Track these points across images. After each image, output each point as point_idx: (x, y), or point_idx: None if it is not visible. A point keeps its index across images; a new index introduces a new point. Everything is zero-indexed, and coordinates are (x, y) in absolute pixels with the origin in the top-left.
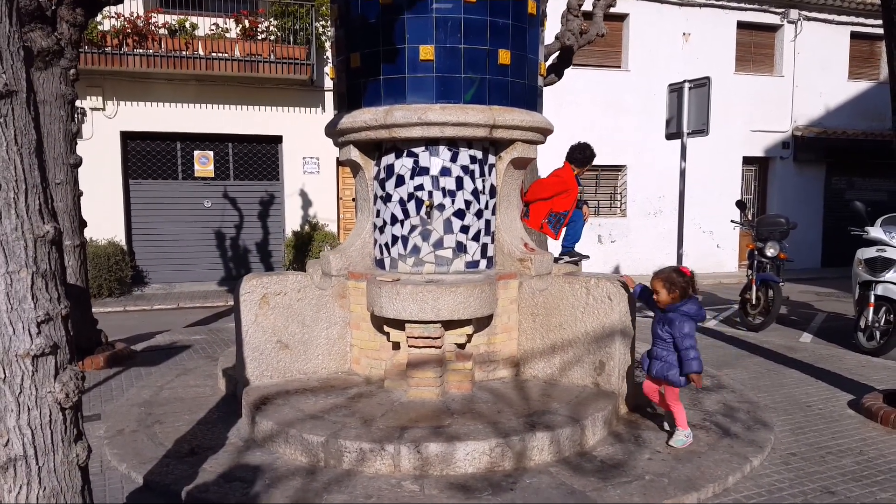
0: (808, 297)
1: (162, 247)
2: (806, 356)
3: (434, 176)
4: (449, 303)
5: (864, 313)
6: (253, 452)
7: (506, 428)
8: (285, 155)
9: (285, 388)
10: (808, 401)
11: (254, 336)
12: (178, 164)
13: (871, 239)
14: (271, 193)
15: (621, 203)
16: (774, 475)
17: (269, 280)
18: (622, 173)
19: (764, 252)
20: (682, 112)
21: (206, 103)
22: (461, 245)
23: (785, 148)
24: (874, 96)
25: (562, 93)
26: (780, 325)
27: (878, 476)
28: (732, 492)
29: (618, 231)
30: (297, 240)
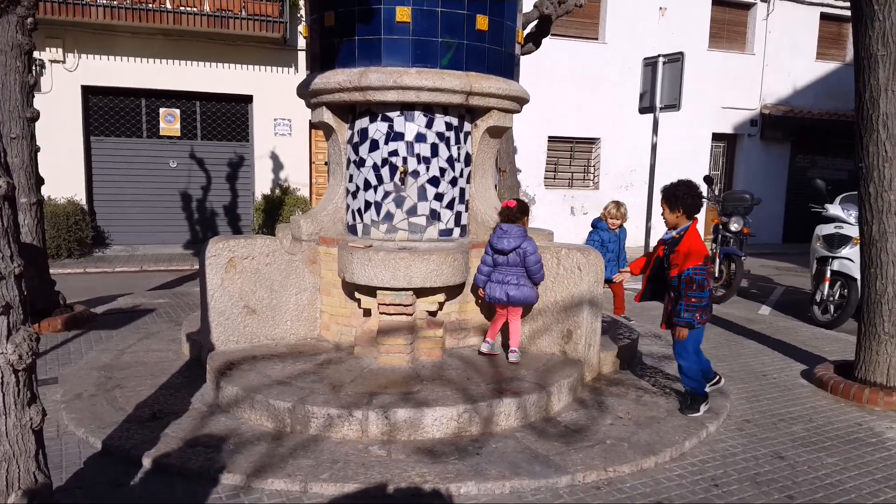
0: (768, 271)
1: (125, 207)
2: (764, 328)
3: (409, 142)
4: (421, 270)
5: (820, 287)
6: (217, 418)
7: (474, 394)
8: (256, 116)
9: (252, 353)
10: (764, 370)
11: (220, 300)
12: (143, 121)
13: (829, 216)
14: (241, 155)
15: (594, 176)
16: (729, 440)
17: (236, 243)
18: (596, 146)
19: (728, 227)
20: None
21: (173, 59)
22: (435, 213)
23: (753, 125)
24: (840, 77)
25: (539, 63)
26: (741, 298)
27: (825, 442)
28: (689, 456)
29: (590, 203)
30: (268, 204)
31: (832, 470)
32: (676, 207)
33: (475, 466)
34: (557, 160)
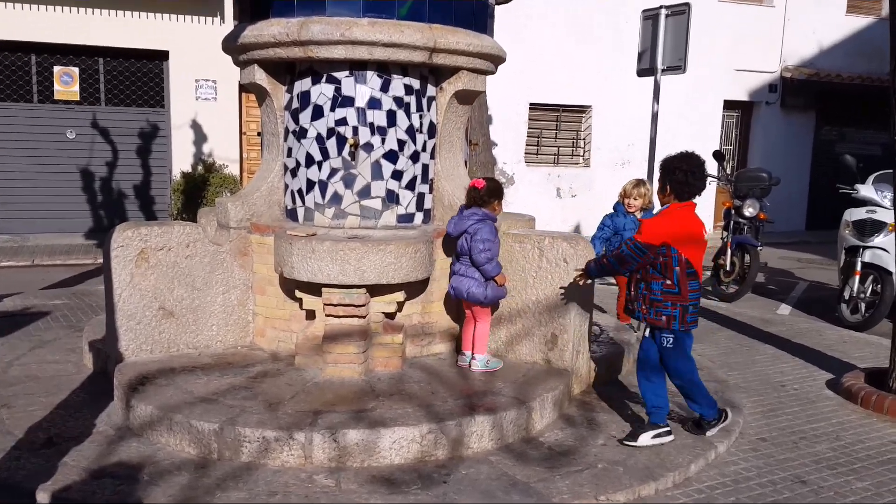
0: (788, 263)
1: (11, 188)
2: (783, 330)
3: (360, 108)
4: (376, 263)
5: (848, 283)
6: (128, 443)
7: (440, 411)
8: (173, 76)
9: (170, 364)
10: (783, 380)
11: (129, 301)
12: (33, 82)
13: (860, 198)
14: (154, 124)
15: (584, 151)
16: (742, 462)
17: (149, 231)
18: (586, 115)
19: (742, 211)
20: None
21: (69, 6)
22: (392, 194)
23: (772, 91)
24: (874, 34)
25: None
26: (756, 295)
27: (854, 464)
28: (695, 481)
29: (579, 183)
30: (188, 183)
31: (863, 497)
32: (665, 184)
33: (442, 497)
34: (541, 132)
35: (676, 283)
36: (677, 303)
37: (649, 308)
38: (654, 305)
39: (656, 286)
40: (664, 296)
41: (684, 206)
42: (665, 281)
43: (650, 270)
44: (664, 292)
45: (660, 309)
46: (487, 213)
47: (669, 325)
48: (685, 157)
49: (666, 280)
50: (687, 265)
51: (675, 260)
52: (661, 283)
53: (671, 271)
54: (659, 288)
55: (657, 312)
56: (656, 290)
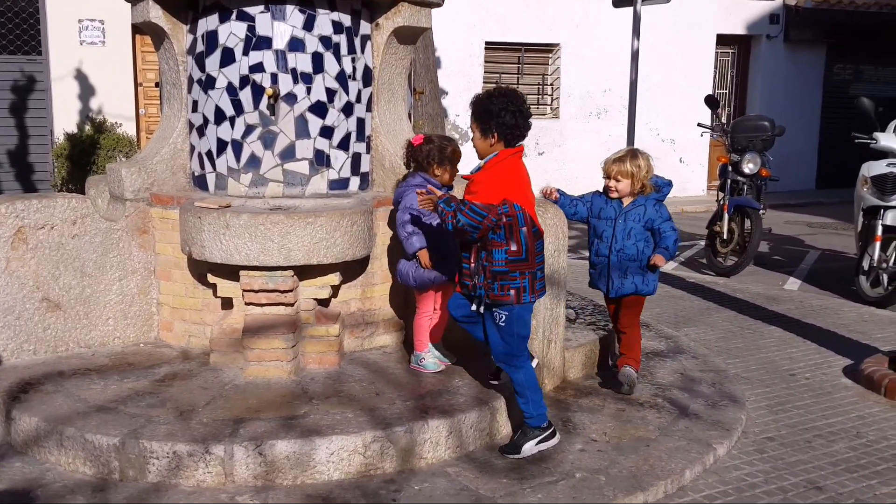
0: (797, 228)
1: None
2: (791, 309)
3: (279, 51)
4: (304, 240)
5: (868, 250)
6: (10, 463)
7: (387, 415)
8: (50, 15)
9: (58, 367)
10: (792, 368)
11: (5, 291)
12: None
13: (880, 149)
14: (29, 75)
15: (552, 99)
16: (745, 467)
17: (26, 206)
18: (554, 56)
19: (740, 168)
20: None
21: None
22: (322, 155)
23: (773, 23)
24: None
25: None
26: (759, 268)
27: (878, 465)
28: (690, 490)
29: (548, 138)
30: (74, 147)
31: None
32: (490, 130)
33: None
34: (499, 77)
35: (524, 247)
36: (525, 271)
37: (492, 282)
38: (499, 278)
39: (499, 255)
40: (510, 265)
41: (516, 153)
42: (510, 246)
43: (490, 236)
44: (510, 261)
45: (506, 282)
46: (426, 178)
47: (520, 299)
48: (507, 94)
49: (511, 245)
50: (531, 223)
51: (520, 219)
52: (504, 251)
53: (517, 233)
54: (503, 256)
55: (503, 287)
56: (499, 259)
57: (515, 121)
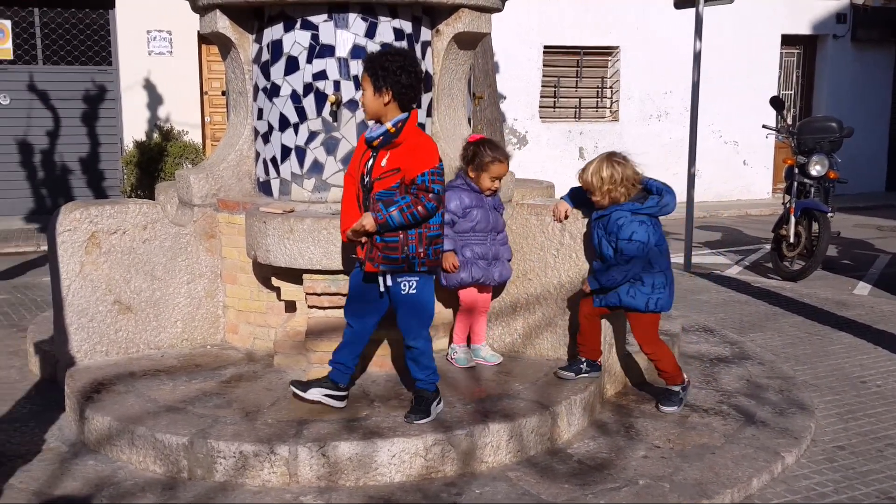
0: (866, 232)
1: None
2: (861, 314)
3: (342, 58)
4: None
5: None
6: (83, 461)
7: (448, 419)
8: (120, 27)
9: (129, 368)
10: (863, 375)
11: (79, 294)
12: None
13: None
14: (101, 85)
15: (611, 101)
16: (815, 476)
17: (100, 212)
18: (613, 58)
19: (807, 170)
20: None
21: None
22: None
23: (840, 23)
24: None
25: None
26: (827, 273)
27: None
28: (757, 499)
29: (607, 141)
30: (142, 154)
31: None
32: (383, 86)
33: None
34: (558, 80)
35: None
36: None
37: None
38: (434, 243)
39: (437, 219)
40: (441, 228)
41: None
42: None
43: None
44: (443, 224)
45: (438, 246)
46: (465, 180)
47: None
48: (404, 53)
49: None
50: None
51: None
52: (440, 214)
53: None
54: (438, 220)
55: (437, 252)
56: (436, 223)
57: (411, 81)
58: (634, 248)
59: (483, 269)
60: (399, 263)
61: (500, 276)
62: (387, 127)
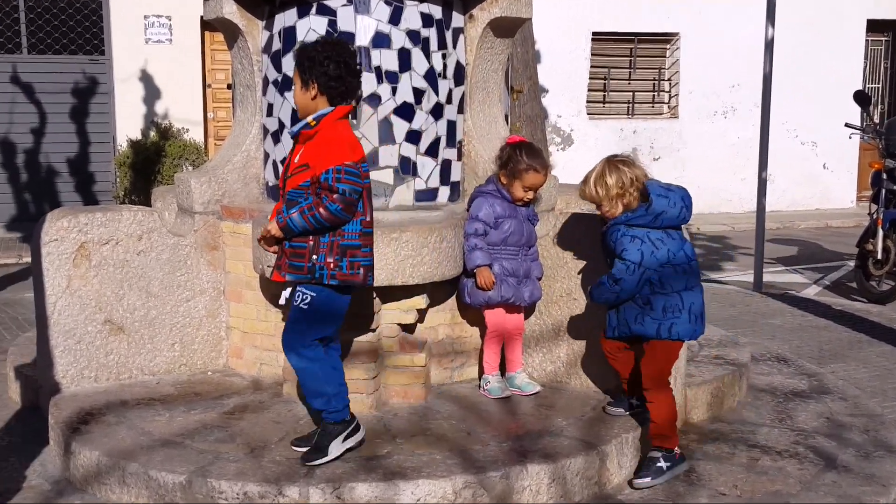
0: None
1: None
2: None
3: (363, 47)
4: (388, 257)
5: None
6: (68, 501)
7: (480, 458)
8: (114, 12)
9: (120, 396)
10: None
11: (66, 312)
12: None
13: None
14: (92, 77)
15: (669, 96)
16: None
17: (90, 220)
18: (672, 46)
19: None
20: None
21: None
22: (408, 163)
23: None
24: None
25: None
26: None
27: None
28: None
29: (664, 141)
30: (138, 154)
31: None
32: (309, 79)
33: None
34: (609, 72)
35: (372, 217)
36: (371, 245)
37: (340, 259)
38: (349, 254)
39: (353, 226)
40: (363, 237)
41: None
42: (365, 215)
43: None
44: (364, 233)
45: (357, 258)
46: (497, 186)
47: (366, 278)
48: (335, 43)
49: (366, 214)
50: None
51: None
52: (359, 221)
53: (368, 199)
54: (357, 228)
55: (353, 265)
56: (352, 231)
57: (340, 73)
58: (623, 269)
59: (513, 287)
60: (304, 273)
61: (531, 297)
62: (308, 119)
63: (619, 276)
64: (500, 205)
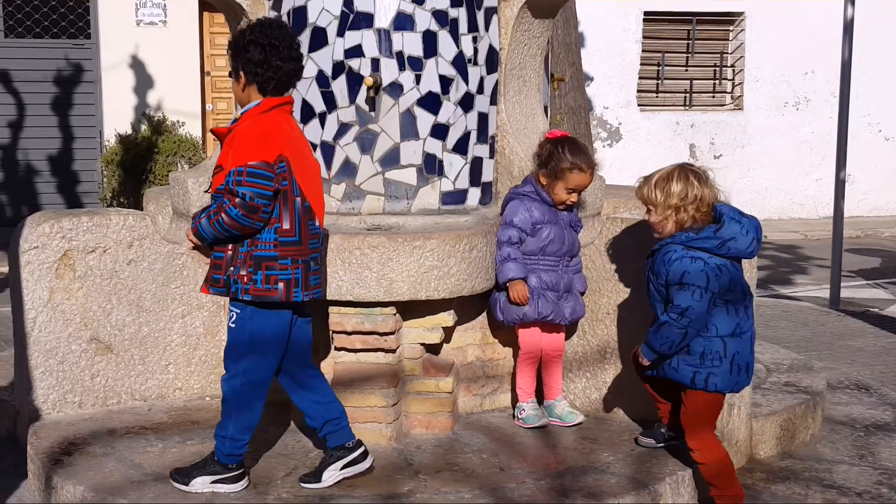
0: None
1: None
2: None
3: (382, 30)
4: (410, 268)
5: None
6: None
7: (514, 497)
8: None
9: (107, 424)
10: None
11: (47, 329)
12: None
13: None
14: (76, 63)
15: (733, 85)
16: None
17: (74, 225)
18: (736, 28)
19: None
20: None
21: None
22: (433, 161)
23: None
24: None
25: None
26: None
27: None
28: None
29: (727, 136)
30: (127, 151)
31: None
32: (237, 67)
33: None
34: (663, 57)
35: (298, 224)
36: (299, 257)
37: (254, 272)
38: (265, 266)
39: (267, 234)
40: (280, 248)
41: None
42: (281, 223)
43: None
44: (281, 243)
45: (273, 272)
46: (535, 187)
47: (289, 295)
48: (264, 25)
49: (283, 221)
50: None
51: (295, 187)
52: (274, 229)
53: (291, 204)
54: (271, 237)
55: (269, 279)
56: (267, 240)
57: (265, 56)
58: (689, 297)
59: (552, 303)
60: (221, 286)
61: (573, 314)
62: (237, 116)
63: (685, 304)
64: (539, 209)
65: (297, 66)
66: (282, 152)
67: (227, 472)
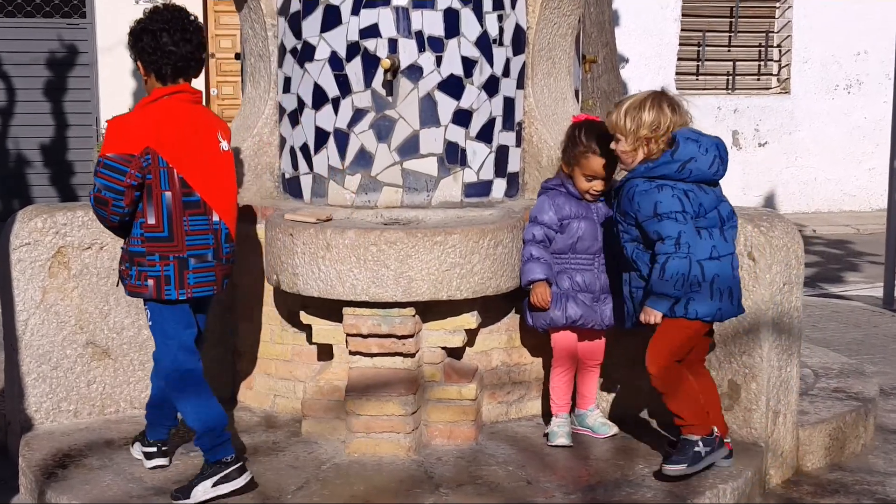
0: None
1: None
2: None
3: (401, 8)
4: (431, 266)
5: None
6: None
7: None
8: None
9: (105, 434)
10: None
11: (40, 332)
12: None
13: None
14: (71, 45)
15: (780, 67)
16: None
17: (68, 220)
18: (783, 5)
19: None
20: None
21: None
22: (455, 149)
23: None
24: None
25: None
26: None
27: None
28: None
29: (774, 122)
30: None
31: None
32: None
33: None
34: (704, 37)
35: (166, 219)
36: (169, 254)
37: (129, 267)
38: (136, 262)
39: (136, 230)
40: (147, 243)
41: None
42: (146, 218)
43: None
44: (147, 238)
45: (143, 268)
46: (563, 179)
47: (160, 293)
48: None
49: (148, 216)
50: (184, 188)
51: (163, 178)
52: (139, 223)
53: (157, 199)
54: (138, 232)
55: (141, 275)
56: (135, 235)
57: (156, 42)
58: (674, 224)
59: (586, 305)
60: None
61: (612, 318)
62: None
63: (675, 231)
64: (568, 202)
65: (193, 49)
66: (149, 144)
67: (225, 469)
